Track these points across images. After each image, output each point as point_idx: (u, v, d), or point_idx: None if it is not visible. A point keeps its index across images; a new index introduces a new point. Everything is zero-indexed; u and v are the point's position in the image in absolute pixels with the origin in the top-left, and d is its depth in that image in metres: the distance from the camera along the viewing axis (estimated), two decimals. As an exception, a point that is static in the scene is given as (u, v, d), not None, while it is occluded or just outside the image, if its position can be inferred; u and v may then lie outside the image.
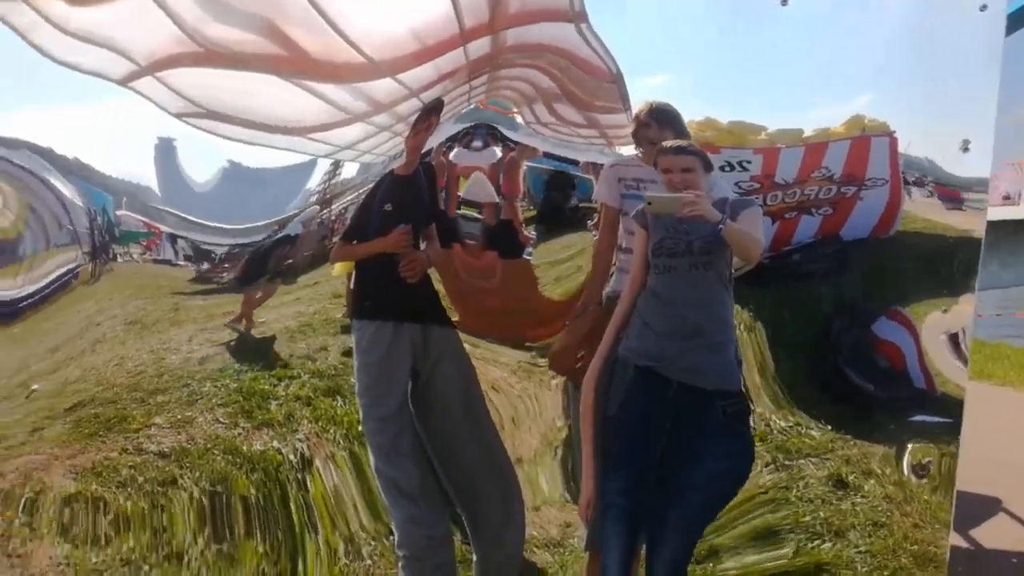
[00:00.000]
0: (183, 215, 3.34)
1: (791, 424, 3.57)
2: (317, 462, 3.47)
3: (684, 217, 2.58)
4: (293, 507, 3.43)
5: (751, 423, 2.82)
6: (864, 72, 3.37)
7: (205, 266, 3.45)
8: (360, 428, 3.24)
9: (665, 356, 2.66)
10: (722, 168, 3.25)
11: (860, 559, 3.45)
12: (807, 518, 3.49)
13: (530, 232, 3.46)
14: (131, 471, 3.44)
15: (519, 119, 3.26)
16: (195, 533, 3.40)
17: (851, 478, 3.54)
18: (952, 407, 3.44)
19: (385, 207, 3.08)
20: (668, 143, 2.73)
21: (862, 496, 3.53)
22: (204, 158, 3.27)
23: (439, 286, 3.29)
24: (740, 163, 3.30)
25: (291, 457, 3.47)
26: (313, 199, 3.32)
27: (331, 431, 3.51)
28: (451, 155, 3.31)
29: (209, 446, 3.48)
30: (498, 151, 3.33)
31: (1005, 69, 3.18)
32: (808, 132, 3.37)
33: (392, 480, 3.11)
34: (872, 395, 3.59)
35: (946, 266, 3.44)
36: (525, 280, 3.51)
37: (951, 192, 3.40)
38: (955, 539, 5.25)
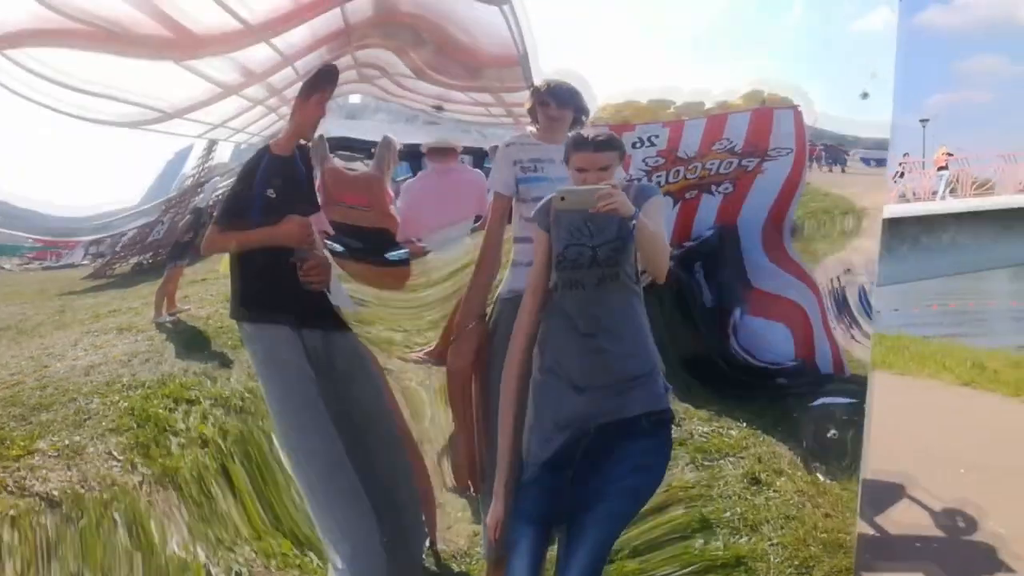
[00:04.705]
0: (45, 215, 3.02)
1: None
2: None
3: (596, 212, 2.35)
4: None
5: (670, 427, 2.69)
6: (766, 38, 3.34)
7: (87, 264, 3.10)
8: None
9: (584, 415, 2.49)
10: (633, 145, 3.15)
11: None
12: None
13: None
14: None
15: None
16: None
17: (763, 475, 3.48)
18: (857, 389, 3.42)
19: (267, 192, 2.70)
20: (585, 134, 2.51)
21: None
22: (73, 149, 2.96)
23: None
24: (650, 138, 3.22)
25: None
26: (188, 182, 2.98)
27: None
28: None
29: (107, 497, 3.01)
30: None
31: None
32: (709, 104, 3.30)
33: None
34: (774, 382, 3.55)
35: (848, 244, 3.45)
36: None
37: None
38: (861, 526, 5.36)
